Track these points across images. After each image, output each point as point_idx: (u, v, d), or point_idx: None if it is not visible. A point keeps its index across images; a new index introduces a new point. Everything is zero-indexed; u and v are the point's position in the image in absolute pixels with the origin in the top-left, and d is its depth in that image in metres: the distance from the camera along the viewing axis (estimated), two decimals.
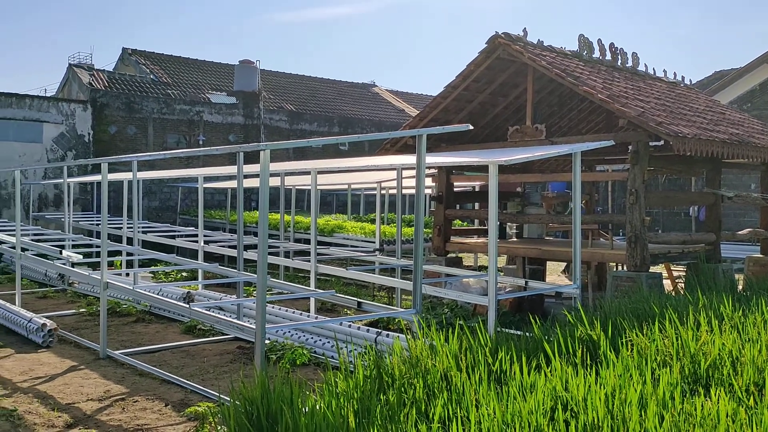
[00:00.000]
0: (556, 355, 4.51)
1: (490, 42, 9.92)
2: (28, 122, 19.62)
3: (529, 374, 4.16)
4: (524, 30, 10.21)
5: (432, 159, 8.04)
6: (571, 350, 4.74)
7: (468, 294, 9.00)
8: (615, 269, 11.39)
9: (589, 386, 3.85)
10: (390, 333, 7.73)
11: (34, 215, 18.95)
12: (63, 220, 16.10)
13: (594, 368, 4.35)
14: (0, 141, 19.16)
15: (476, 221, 16.39)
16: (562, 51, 10.74)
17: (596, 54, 11.37)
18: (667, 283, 10.36)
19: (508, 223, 12.81)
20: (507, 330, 6.47)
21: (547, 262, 12.32)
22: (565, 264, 15.34)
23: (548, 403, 3.72)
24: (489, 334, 5.26)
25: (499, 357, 4.49)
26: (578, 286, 7.59)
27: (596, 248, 10.13)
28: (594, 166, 12.93)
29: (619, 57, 11.78)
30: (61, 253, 9.96)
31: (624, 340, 4.98)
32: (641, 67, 12.16)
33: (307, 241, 15.11)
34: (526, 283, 9.14)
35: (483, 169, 12.06)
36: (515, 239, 12.69)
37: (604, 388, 3.83)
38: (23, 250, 10.87)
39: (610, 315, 5.87)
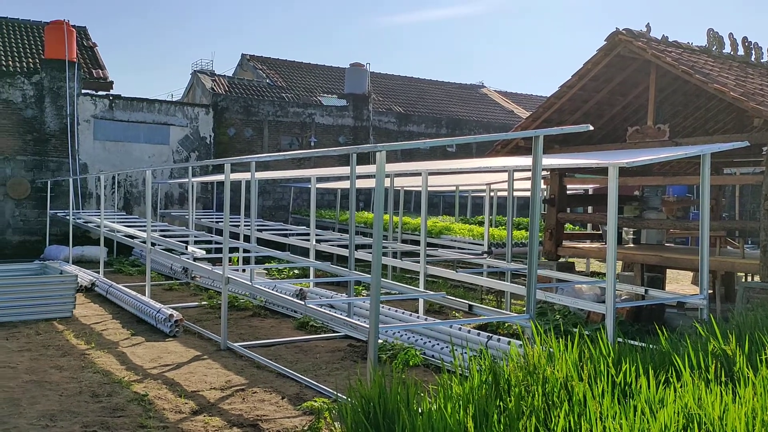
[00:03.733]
0: (687, 369, 4.24)
1: (610, 39, 9.53)
2: (156, 125, 21.05)
3: (657, 389, 3.94)
4: (647, 25, 9.74)
5: (548, 161, 7.82)
6: (702, 365, 4.44)
7: (583, 300, 8.68)
8: (745, 280, 10.61)
9: (726, 405, 3.59)
10: (500, 337, 7.60)
11: (161, 212, 20.30)
12: (187, 217, 17.13)
13: (729, 386, 4.05)
14: (132, 143, 20.69)
15: (589, 225, 15.79)
16: (688, 47, 10.14)
17: (727, 49, 10.64)
18: None
19: (625, 228, 12.24)
20: (626, 340, 6.16)
21: (667, 270, 11.65)
22: (692, 274, 14.44)
23: (680, 420, 3.50)
24: (609, 343, 5.03)
25: (623, 369, 4.28)
26: (706, 297, 7.12)
27: (725, 257, 9.46)
28: (721, 169, 12.10)
29: (753, 52, 10.97)
30: (186, 248, 10.59)
31: (763, 357, 4.60)
32: None
33: (415, 242, 15.20)
34: (646, 291, 8.68)
35: (598, 171, 11.61)
36: (632, 245, 12.11)
37: (744, 407, 3.56)
38: (152, 245, 11.66)
39: (744, 329, 5.45)
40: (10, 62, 19.78)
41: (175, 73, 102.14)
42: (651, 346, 5.05)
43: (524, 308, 6.37)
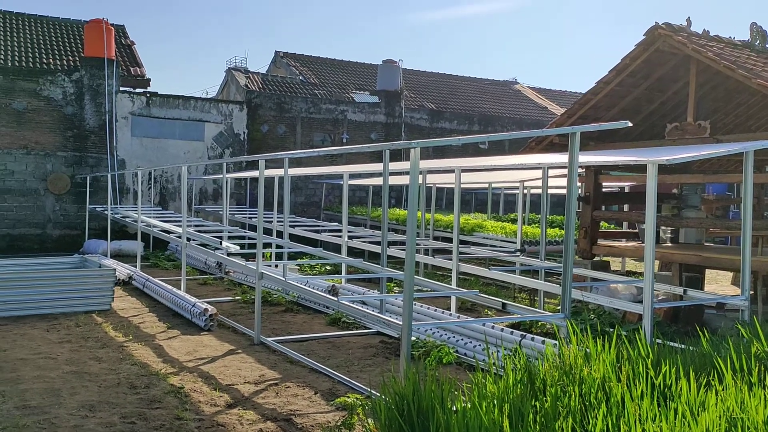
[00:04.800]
0: (729, 372, 4.14)
1: (649, 33, 9.35)
2: (192, 122, 21.35)
3: (698, 391, 3.85)
4: (687, 20, 9.53)
5: (585, 158, 7.70)
6: (745, 368, 4.33)
7: (619, 300, 8.54)
8: None
9: None
10: (535, 336, 7.52)
11: (195, 208, 20.59)
12: (221, 213, 17.34)
13: None
14: (168, 139, 21.03)
15: (624, 224, 15.55)
16: (730, 41, 9.89)
17: None
18: None
19: (662, 227, 12.02)
20: (665, 341, 6.04)
21: (706, 270, 11.38)
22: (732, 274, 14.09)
23: (722, 424, 3.41)
24: (648, 344, 4.94)
25: (663, 370, 4.19)
26: (747, 298, 6.94)
27: (767, 257, 9.21)
28: (763, 167, 11.77)
29: None
30: (220, 243, 10.71)
31: None
32: None
33: (446, 239, 15.14)
34: (685, 291, 8.50)
35: (635, 168, 11.39)
36: (670, 244, 11.87)
37: None
38: (187, 240, 11.82)
39: None
40: (51, 60, 20.26)
41: (209, 70, 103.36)
42: (691, 347, 4.94)
43: (558, 307, 6.30)
